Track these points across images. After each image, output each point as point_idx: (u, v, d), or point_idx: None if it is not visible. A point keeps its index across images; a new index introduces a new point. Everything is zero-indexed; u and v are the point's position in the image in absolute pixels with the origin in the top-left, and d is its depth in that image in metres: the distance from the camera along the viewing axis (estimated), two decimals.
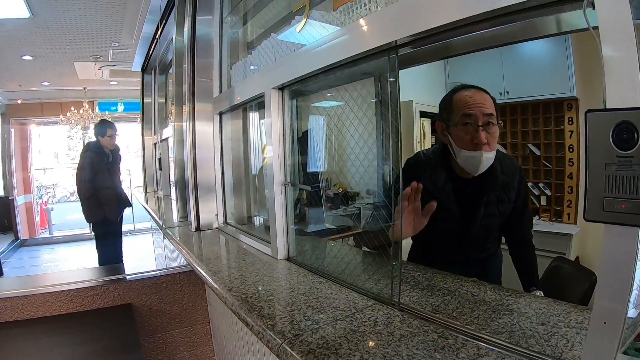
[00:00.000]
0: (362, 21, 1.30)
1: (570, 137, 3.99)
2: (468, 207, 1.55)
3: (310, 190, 2.14)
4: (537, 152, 4.11)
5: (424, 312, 1.14)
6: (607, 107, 0.71)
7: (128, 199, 5.19)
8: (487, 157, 1.43)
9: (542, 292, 1.48)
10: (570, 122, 4.00)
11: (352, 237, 2.34)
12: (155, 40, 4.60)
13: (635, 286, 0.73)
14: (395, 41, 1.17)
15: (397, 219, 1.33)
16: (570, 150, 4.00)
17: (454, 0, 1.00)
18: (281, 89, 1.77)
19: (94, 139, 4.95)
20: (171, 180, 4.22)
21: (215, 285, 1.52)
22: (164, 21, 3.84)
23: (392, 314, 1.16)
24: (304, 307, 1.24)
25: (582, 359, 0.78)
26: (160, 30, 4.11)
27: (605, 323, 0.72)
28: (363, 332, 1.05)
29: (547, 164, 4.08)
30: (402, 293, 1.24)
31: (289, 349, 0.98)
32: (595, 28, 0.73)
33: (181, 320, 2.67)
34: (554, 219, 3.84)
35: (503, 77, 3.69)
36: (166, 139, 4.57)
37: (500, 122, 1.50)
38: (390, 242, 1.31)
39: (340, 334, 1.04)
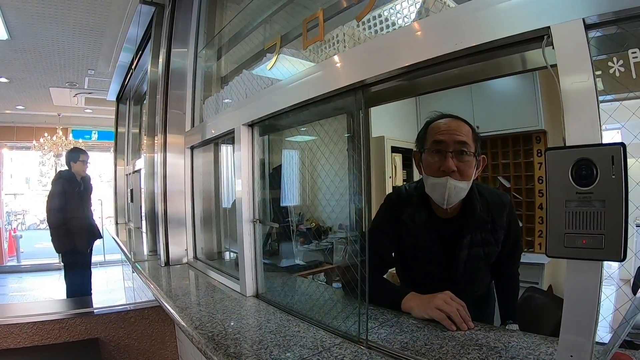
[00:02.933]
0: (332, 60, 1.33)
1: (539, 169, 4.10)
2: (450, 249, 1.48)
3: (278, 228, 2.13)
4: (507, 185, 4.20)
5: (392, 350, 1.13)
6: (567, 144, 0.73)
7: (99, 230, 5.06)
8: (455, 186, 1.36)
9: (517, 325, 1.46)
10: (539, 154, 4.11)
11: (322, 273, 2.34)
12: (132, 70, 4.61)
13: (603, 316, 0.74)
14: (364, 80, 1.20)
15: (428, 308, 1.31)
16: (540, 181, 4.10)
17: (420, 42, 1.04)
18: (251, 125, 1.78)
19: (66, 167, 4.85)
20: (142, 212, 4.16)
21: (182, 323, 1.48)
22: (141, 52, 3.86)
23: (360, 352, 1.15)
24: (270, 346, 1.22)
25: None
26: (136, 61, 4.11)
27: (571, 356, 0.73)
28: None
29: (518, 196, 4.17)
30: (370, 330, 1.24)
31: None
32: (554, 66, 0.75)
33: (149, 356, 2.58)
34: (525, 249, 3.89)
35: (473, 112, 3.79)
36: (138, 170, 4.52)
37: (483, 156, 1.45)
38: (357, 280, 1.29)
39: None
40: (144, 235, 3.42)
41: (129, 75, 4.89)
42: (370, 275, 1.26)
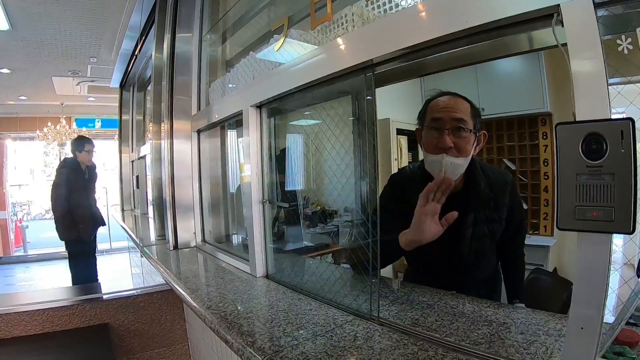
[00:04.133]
0: (339, 40, 1.32)
1: (544, 151, 4.08)
2: (455, 227, 1.45)
3: (288, 208, 2.14)
4: (513, 167, 4.19)
5: (404, 326, 1.15)
6: (577, 119, 0.74)
7: (102, 217, 5.07)
8: (452, 162, 1.36)
9: (523, 305, 1.46)
10: (544, 137, 4.09)
11: (330, 254, 2.34)
12: (135, 57, 4.59)
13: (610, 292, 0.75)
14: (372, 60, 1.20)
15: (417, 220, 1.31)
16: (545, 164, 4.09)
17: (428, 20, 1.04)
18: (259, 107, 1.79)
19: (70, 155, 4.86)
20: (148, 198, 4.17)
21: (194, 304, 1.50)
22: (144, 38, 3.84)
23: (372, 329, 1.17)
24: (283, 324, 1.23)
25: None
26: (139, 47, 4.10)
27: (582, 328, 0.74)
28: (343, 347, 1.06)
29: (523, 178, 4.15)
30: (381, 308, 1.25)
31: None
32: (565, 45, 0.76)
33: (159, 340, 2.62)
34: (531, 232, 3.89)
35: (478, 94, 3.76)
36: (144, 157, 4.52)
37: (483, 132, 1.44)
38: (369, 259, 1.30)
39: (320, 349, 1.04)
40: (151, 220, 3.44)
41: (132, 62, 4.87)
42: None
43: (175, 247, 2.60)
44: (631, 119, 0.69)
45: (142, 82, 5.33)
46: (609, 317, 0.83)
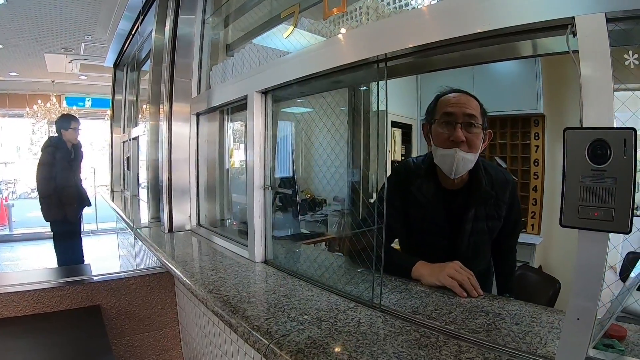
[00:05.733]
0: (354, 32, 1.34)
1: (535, 152, 4.16)
2: (456, 222, 1.53)
3: (290, 194, 2.15)
4: (504, 165, 4.27)
5: (405, 314, 1.18)
6: (584, 125, 0.78)
7: (88, 197, 4.99)
8: (464, 157, 1.41)
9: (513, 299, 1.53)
10: (536, 138, 4.17)
11: (324, 242, 2.38)
12: (131, 37, 4.51)
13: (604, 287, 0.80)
14: (385, 54, 1.22)
15: (439, 277, 1.36)
16: (536, 164, 4.17)
17: (445, 20, 1.06)
18: (265, 92, 1.79)
19: (56, 134, 4.75)
20: (140, 180, 4.13)
21: (195, 287, 1.51)
22: (142, 17, 3.78)
23: (375, 315, 1.20)
24: (287, 309, 1.25)
25: (558, 351, 0.84)
26: (136, 27, 4.03)
27: (578, 319, 0.79)
28: (348, 332, 1.08)
29: (513, 177, 4.22)
30: (382, 296, 1.28)
31: (277, 350, 0.99)
32: (575, 52, 0.80)
33: (150, 323, 2.62)
34: None
35: (474, 91, 3.81)
36: (136, 138, 4.47)
37: (489, 130, 1.49)
38: (371, 252, 1.33)
39: (326, 334, 1.06)
40: (142, 202, 3.42)
41: (127, 42, 4.79)
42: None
43: (170, 229, 2.60)
44: (634, 129, 0.74)
45: (136, 63, 5.25)
46: (599, 312, 0.87)
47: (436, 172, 1.54)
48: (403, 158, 4.55)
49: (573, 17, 0.82)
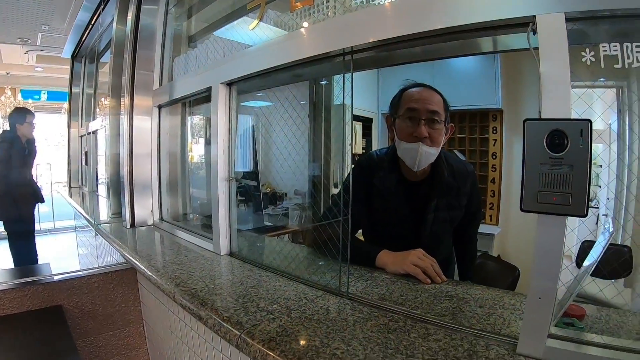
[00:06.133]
0: (321, 24, 1.37)
1: (494, 145, 4.31)
2: (418, 212, 1.58)
3: (251, 188, 2.15)
4: (462, 158, 4.40)
5: (372, 300, 1.21)
6: (542, 117, 0.83)
7: (42, 194, 4.81)
8: (426, 151, 1.45)
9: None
10: (494, 132, 4.31)
11: (287, 235, 2.39)
12: (90, 27, 4.36)
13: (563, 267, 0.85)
14: (352, 47, 1.25)
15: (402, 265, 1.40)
16: (494, 157, 4.31)
17: (413, 16, 1.10)
18: (229, 84, 1.77)
19: (8, 128, 4.52)
20: (98, 175, 4.01)
21: (161, 282, 1.49)
22: (103, 7, 3.64)
23: (343, 303, 1.22)
24: (255, 299, 1.26)
25: (522, 329, 0.89)
26: (96, 17, 3.89)
27: (540, 298, 0.85)
28: (318, 319, 1.10)
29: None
30: (349, 284, 1.31)
31: (249, 339, 1.00)
32: (536, 49, 0.85)
33: (114, 321, 2.55)
34: None
35: (433, 85, 3.93)
36: (95, 132, 4.34)
37: (451, 124, 1.55)
38: (337, 242, 1.36)
39: (296, 322, 1.08)
40: (102, 198, 3.33)
41: (86, 32, 4.62)
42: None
43: (132, 225, 2.55)
44: (589, 120, 0.80)
45: (94, 54, 5.08)
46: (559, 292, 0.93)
47: (399, 164, 1.58)
48: (364, 151, 4.62)
49: (534, 16, 0.86)
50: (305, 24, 1.46)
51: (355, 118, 4.46)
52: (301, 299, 1.26)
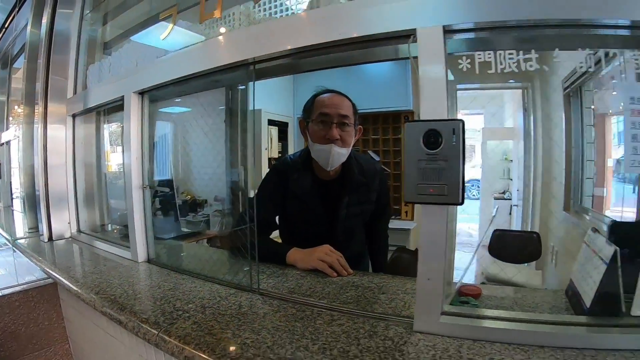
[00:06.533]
0: (227, 36, 1.44)
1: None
2: (331, 209, 1.69)
3: (168, 198, 2.15)
4: (377, 158, 4.65)
5: (282, 294, 1.30)
6: (421, 118, 0.96)
7: None
8: (338, 152, 1.58)
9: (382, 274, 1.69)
10: None
11: (205, 240, 2.42)
12: (4, 30, 4.10)
13: (466, 265, 0.98)
14: (254, 58, 1.33)
15: (309, 262, 1.49)
16: None
17: (309, 28, 1.22)
18: (142, 93, 1.79)
19: None
20: (13, 189, 3.80)
21: (81, 292, 1.48)
22: (17, 9, 3.45)
23: (254, 298, 1.30)
24: (172, 300, 1.31)
25: (415, 308, 1.01)
26: (10, 19, 3.68)
27: (429, 279, 0.97)
28: (231, 314, 1.17)
29: (386, 169, 4.63)
30: (260, 281, 1.39)
31: (166, 337, 1.05)
32: (415, 58, 0.98)
33: (38, 341, 2.44)
34: (393, 217, 4.47)
35: (348, 91, 4.12)
36: (7, 143, 4.10)
37: (360, 126, 1.68)
38: (246, 242, 1.44)
39: (210, 318, 1.15)
40: (17, 213, 3.17)
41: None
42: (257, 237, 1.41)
43: (50, 238, 2.45)
44: (462, 120, 0.92)
45: (8, 59, 4.78)
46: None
47: (312, 165, 1.69)
48: (280, 155, 4.74)
49: (415, 29, 0.98)
50: (213, 35, 1.52)
51: (271, 122, 4.58)
52: (215, 297, 1.32)
